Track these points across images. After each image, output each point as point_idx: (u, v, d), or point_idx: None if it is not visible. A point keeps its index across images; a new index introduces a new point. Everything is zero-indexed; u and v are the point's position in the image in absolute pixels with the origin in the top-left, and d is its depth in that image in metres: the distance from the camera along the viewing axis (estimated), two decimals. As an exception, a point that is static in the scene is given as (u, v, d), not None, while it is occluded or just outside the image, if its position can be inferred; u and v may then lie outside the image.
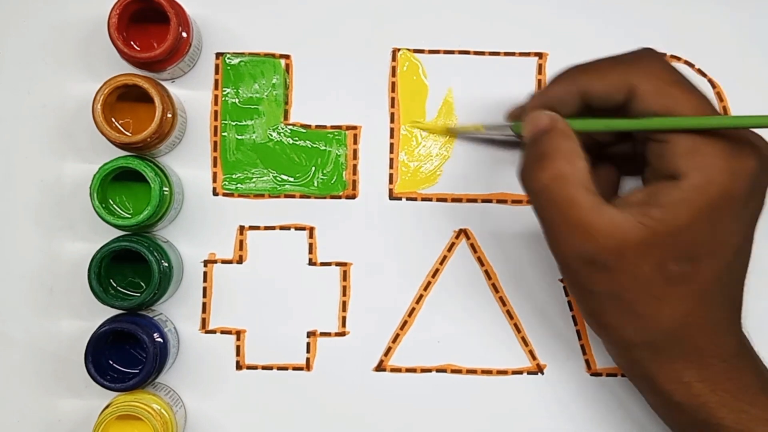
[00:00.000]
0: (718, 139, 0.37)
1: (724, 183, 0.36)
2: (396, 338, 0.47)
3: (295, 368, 0.47)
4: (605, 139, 0.43)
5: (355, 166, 0.48)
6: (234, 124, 0.47)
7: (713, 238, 0.37)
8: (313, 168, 0.48)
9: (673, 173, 0.37)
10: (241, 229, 0.47)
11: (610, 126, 0.39)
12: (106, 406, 0.44)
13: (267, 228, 0.47)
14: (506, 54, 0.48)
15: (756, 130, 0.38)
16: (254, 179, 0.47)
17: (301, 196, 0.48)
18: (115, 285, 0.45)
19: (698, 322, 0.38)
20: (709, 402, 0.38)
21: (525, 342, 0.48)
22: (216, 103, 0.48)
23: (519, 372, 0.48)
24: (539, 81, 0.48)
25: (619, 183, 0.45)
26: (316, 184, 0.48)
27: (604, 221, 0.37)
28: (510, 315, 0.48)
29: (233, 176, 0.47)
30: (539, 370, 0.48)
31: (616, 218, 0.37)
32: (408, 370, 0.48)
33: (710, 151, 0.37)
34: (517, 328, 0.48)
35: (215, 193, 0.48)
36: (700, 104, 0.38)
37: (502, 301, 0.48)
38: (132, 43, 0.45)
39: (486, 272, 0.48)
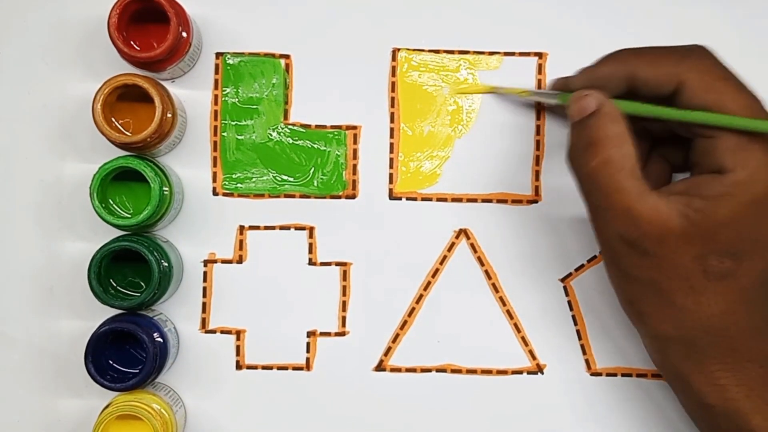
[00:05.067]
0: (765, 138, 0.37)
1: None
2: (396, 338, 0.47)
3: (295, 368, 0.47)
4: (658, 133, 0.43)
5: (355, 166, 0.48)
6: (234, 123, 0.47)
7: (757, 237, 0.37)
8: (313, 168, 0.48)
9: (718, 168, 0.37)
10: (241, 228, 0.47)
11: (655, 113, 0.39)
12: (106, 406, 0.44)
13: (267, 228, 0.47)
14: (506, 54, 0.48)
15: None
16: (254, 179, 0.47)
17: (301, 196, 0.48)
18: (115, 285, 0.45)
19: (737, 322, 0.38)
20: (744, 408, 0.38)
21: (525, 342, 0.48)
22: (216, 103, 0.48)
23: (519, 372, 0.48)
24: (539, 81, 0.48)
25: (671, 178, 0.45)
26: (316, 183, 0.48)
27: (647, 207, 0.37)
28: (510, 315, 0.48)
29: (233, 176, 0.47)
30: (539, 370, 0.48)
31: (658, 205, 0.37)
32: (408, 370, 0.48)
33: (756, 148, 0.37)
34: (517, 328, 0.48)
35: (215, 193, 0.48)
36: (749, 104, 0.38)
37: (502, 301, 0.48)
38: (132, 43, 0.45)
39: (486, 272, 0.48)
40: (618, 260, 0.39)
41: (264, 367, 0.47)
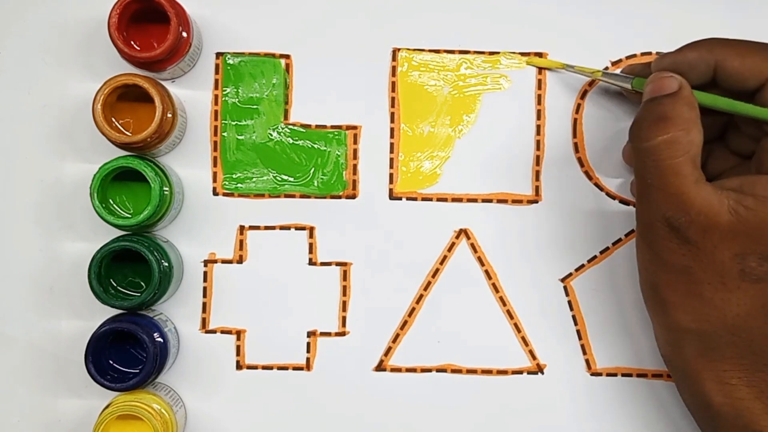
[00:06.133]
0: None
1: None
2: (396, 338, 0.48)
3: (295, 368, 0.47)
4: (713, 128, 0.43)
5: (355, 166, 0.48)
6: (234, 123, 0.47)
7: None
8: (313, 168, 0.48)
9: None
10: (241, 228, 0.47)
11: (735, 108, 0.39)
12: (106, 406, 0.44)
13: (267, 228, 0.47)
14: (506, 54, 0.48)
15: None
16: (254, 179, 0.47)
17: (301, 196, 0.48)
18: (115, 285, 0.45)
19: (761, 326, 0.37)
20: (753, 408, 0.38)
21: (525, 342, 0.48)
22: (216, 103, 0.48)
23: (519, 372, 0.48)
24: (539, 81, 0.48)
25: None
26: (316, 184, 0.48)
27: (700, 196, 0.37)
28: (510, 315, 0.48)
29: (233, 176, 0.47)
30: (539, 370, 0.48)
31: (711, 197, 0.37)
32: (408, 370, 0.48)
33: None
34: (517, 328, 0.48)
35: (215, 193, 0.48)
36: None
37: (502, 301, 0.48)
38: (132, 43, 0.45)
39: (486, 272, 0.48)
40: (655, 242, 0.38)
41: (264, 367, 0.47)
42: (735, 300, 0.37)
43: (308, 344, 0.47)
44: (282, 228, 0.47)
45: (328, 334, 0.47)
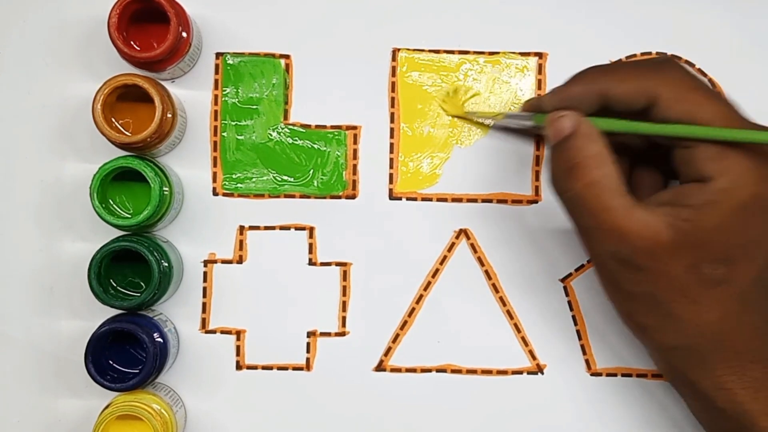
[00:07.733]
0: (744, 144, 0.37)
1: (754, 186, 0.37)
2: (396, 338, 0.48)
3: (295, 368, 0.47)
4: (638, 146, 0.43)
5: (355, 166, 0.48)
6: (234, 124, 0.47)
7: (747, 241, 0.37)
8: (313, 168, 0.48)
9: (699, 177, 0.37)
10: (241, 229, 0.47)
11: (631, 128, 0.39)
12: (106, 406, 0.44)
13: (267, 228, 0.47)
14: (506, 54, 0.48)
15: None
16: (254, 179, 0.47)
17: (301, 196, 0.48)
18: (115, 285, 0.45)
19: (737, 325, 0.38)
20: (751, 410, 0.38)
21: (525, 342, 0.48)
22: (216, 103, 0.48)
23: (519, 372, 0.48)
24: (539, 81, 0.48)
25: (666, 184, 0.45)
26: (316, 184, 0.48)
27: (635, 223, 0.37)
28: (510, 315, 0.48)
29: (233, 176, 0.47)
30: (539, 370, 0.48)
31: (646, 219, 0.37)
32: (408, 370, 0.48)
33: (737, 155, 0.37)
34: (517, 328, 0.48)
35: (215, 193, 0.48)
36: (724, 112, 0.38)
37: (502, 301, 0.48)
38: (132, 43, 0.45)
39: (486, 272, 0.48)
40: (612, 278, 0.39)
41: (264, 367, 0.47)
42: (704, 309, 0.38)
43: (308, 344, 0.47)
44: (282, 228, 0.47)
45: (328, 334, 0.47)
